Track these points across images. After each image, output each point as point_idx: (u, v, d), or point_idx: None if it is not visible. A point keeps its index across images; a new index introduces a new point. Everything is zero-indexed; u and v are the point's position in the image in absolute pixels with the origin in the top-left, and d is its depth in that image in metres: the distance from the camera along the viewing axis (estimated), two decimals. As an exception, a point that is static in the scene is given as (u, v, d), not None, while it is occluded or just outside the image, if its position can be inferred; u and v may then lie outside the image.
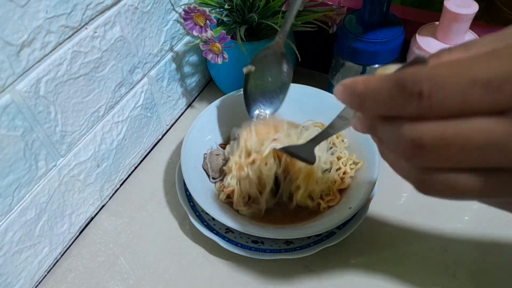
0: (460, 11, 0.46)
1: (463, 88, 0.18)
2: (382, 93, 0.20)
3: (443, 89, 0.18)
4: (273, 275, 0.47)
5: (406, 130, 0.20)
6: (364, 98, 0.21)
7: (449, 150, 0.19)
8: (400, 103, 0.19)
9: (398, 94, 0.19)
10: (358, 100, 0.22)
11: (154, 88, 0.58)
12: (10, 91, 0.37)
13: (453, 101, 0.18)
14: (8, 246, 0.42)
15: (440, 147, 0.19)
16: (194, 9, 0.51)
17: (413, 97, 0.19)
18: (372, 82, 0.21)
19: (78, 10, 0.41)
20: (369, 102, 0.21)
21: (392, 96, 0.20)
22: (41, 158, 0.43)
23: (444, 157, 0.19)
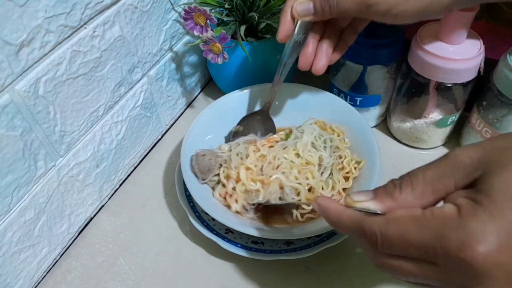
0: (461, 11, 0.46)
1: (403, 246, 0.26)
2: (349, 230, 0.30)
3: (390, 244, 0.27)
4: (273, 275, 0.47)
5: (372, 257, 0.29)
6: (336, 227, 0.31)
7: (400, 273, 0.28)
8: (362, 242, 0.29)
9: (360, 237, 0.29)
10: (332, 225, 0.31)
11: (154, 87, 0.58)
12: (9, 91, 0.37)
13: (398, 251, 0.27)
14: (7, 246, 0.42)
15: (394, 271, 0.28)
16: (195, 9, 0.51)
17: (371, 243, 0.28)
18: (342, 218, 0.30)
19: (77, 10, 0.41)
20: (340, 230, 0.31)
21: (356, 236, 0.29)
22: (40, 158, 0.43)
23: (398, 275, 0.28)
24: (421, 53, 0.50)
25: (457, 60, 0.48)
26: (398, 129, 0.59)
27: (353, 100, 0.58)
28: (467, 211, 0.24)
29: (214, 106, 0.56)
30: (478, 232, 0.23)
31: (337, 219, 0.30)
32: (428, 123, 0.55)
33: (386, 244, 0.27)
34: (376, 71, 0.55)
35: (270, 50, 0.59)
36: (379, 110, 0.60)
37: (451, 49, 0.49)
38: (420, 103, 0.54)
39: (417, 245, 0.25)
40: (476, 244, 0.23)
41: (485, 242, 0.23)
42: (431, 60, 0.49)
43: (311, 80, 0.56)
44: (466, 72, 0.50)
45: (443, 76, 0.50)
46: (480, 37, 0.50)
